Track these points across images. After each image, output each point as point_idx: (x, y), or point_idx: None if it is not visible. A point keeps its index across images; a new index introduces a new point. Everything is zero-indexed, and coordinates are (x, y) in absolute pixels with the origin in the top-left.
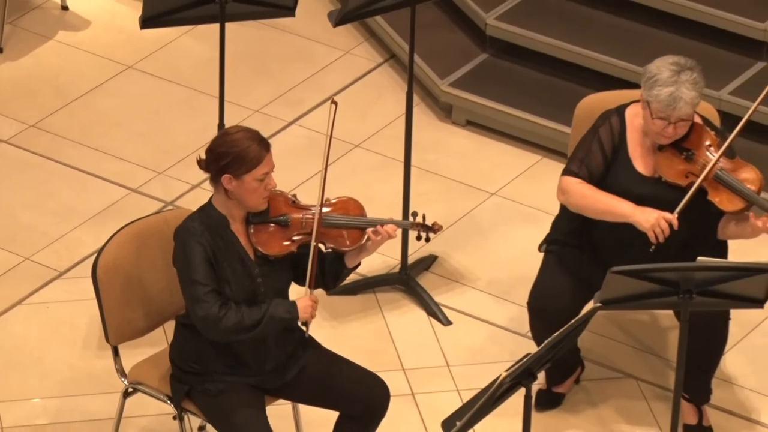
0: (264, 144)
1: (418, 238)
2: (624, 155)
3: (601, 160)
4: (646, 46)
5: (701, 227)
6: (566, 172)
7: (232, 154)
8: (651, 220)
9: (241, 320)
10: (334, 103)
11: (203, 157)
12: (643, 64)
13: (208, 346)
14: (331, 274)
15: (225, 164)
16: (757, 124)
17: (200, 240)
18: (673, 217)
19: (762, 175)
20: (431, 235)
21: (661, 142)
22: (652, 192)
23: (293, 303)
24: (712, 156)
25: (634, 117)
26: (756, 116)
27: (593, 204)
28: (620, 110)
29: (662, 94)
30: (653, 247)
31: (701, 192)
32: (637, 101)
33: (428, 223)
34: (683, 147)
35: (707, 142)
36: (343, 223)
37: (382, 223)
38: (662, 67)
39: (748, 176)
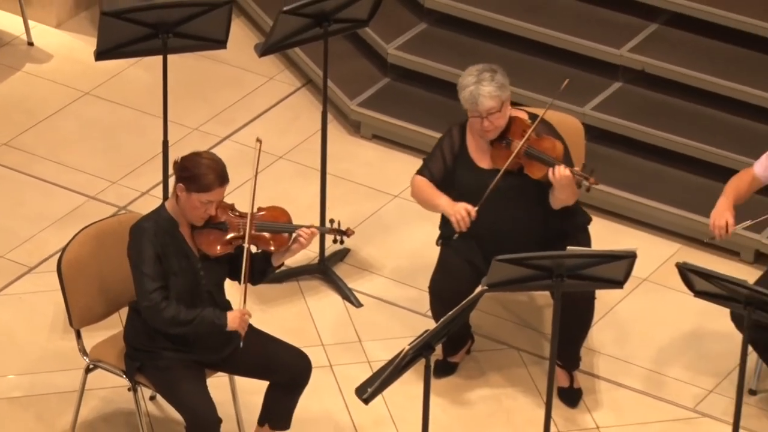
0: (221, 179)
1: (335, 241)
2: (466, 158)
3: (442, 165)
4: (520, 70)
5: (546, 208)
6: (416, 172)
7: (191, 172)
8: (453, 210)
9: (177, 315)
10: (259, 141)
11: (178, 161)
12: (519, 85)
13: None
14: (259, 272)
15: (183, 176)
16: (617, 134)
17: (152, 239)
18: (472, 209)
19: (562, 146)
20: (345, 238)
21: (488, 138)
22: (510, 182)
23: (224, 313)
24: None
25: (471, 126)
26: (614, 127)
27: (422, 198)
28: (462, 123)
29: (465, 95)
30: (456, 235)
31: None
32: None
33: (342, 228)
34: (505, 137)
35: (523, 130)
36: (273, 228)
37: (305, 231)
38: (467, 75)
39: (548, 147)
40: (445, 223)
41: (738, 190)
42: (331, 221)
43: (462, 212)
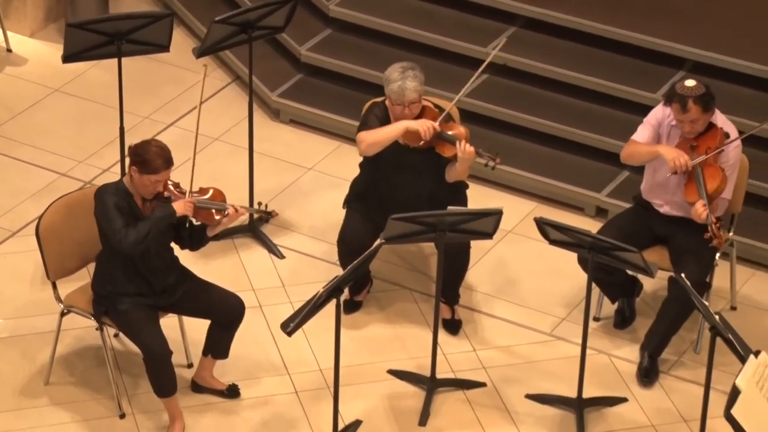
0: (167, 162)
1: (260, 219)
2: None
3: (378, 125)
4: None
5: (441, 179)
6: (358, 131)
7: (143, 158)
8: (420, 123)
9: (138, 233)
10: (205, 66)
11: (131, 147)
12: None
13: (116, 276)
14: (196, 240)
15: (136, 161)
16: (485, 116)
17: (113, 198)
18: (434, 124)
19: (467, 130)
20: (270, 218)
21: None
22: (406, 156)
23: (169, 204)
24: (436, 124)
25: (393, 111)
26: (482, 110)
27: (380, 135)
28: (381, 102)
29: (394, 87)
30: (422, 142)
31: (434, 150)
32: None
33: (268, 210)
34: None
35: (432, 117)
36: (209, 206)
37: (237, 207)
38: (393, 70)
39: (457, 132)
40: (352, 188)
41: (648, 144)
42: (260, 203)
43: (428, 124)
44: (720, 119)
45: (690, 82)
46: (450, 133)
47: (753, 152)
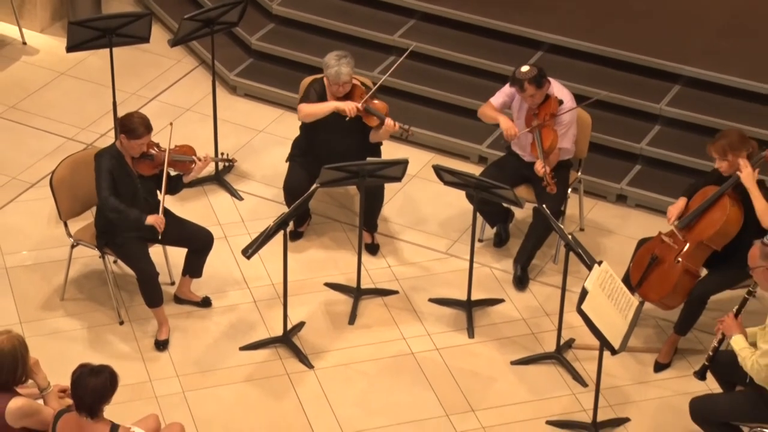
0: (147, 128)
1: (224, 167)
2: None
3: (316, 99)
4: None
5: (363, 140)
6: (299, 102)
7: (128, 127)
8: (346, 104)
9: (118, 205)
10: (170, 124)
11: (119, 119)
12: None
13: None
14: (173, 187)
15: (123, 130)
16: (393, 88)
17: (108, 162)
18: (357, 105)
19: (387, 105)
20: (232, 165)
21: (338, 96)
22: (339, 121)
23: (144, 215)
24: (359, 101)
25: (329, 88)
26: (389, 84)
27: (314, 110)
28: (320, 79)
29: (331, 72)
30: (348, 118)
31: (360, 119)
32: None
33: (230, 158)
34: (349, 97)
35: (360, 94)
36: (183, 159)
37: (204, 157)
38: (330, 57)
39: (380, 107)
40: (294, 145)
41: (496, 112)
42: (222, 153)
43: (352, 105)
44: (556, 89)
45: (525, 68)
46: (376, 109)
47: (596, 113)
